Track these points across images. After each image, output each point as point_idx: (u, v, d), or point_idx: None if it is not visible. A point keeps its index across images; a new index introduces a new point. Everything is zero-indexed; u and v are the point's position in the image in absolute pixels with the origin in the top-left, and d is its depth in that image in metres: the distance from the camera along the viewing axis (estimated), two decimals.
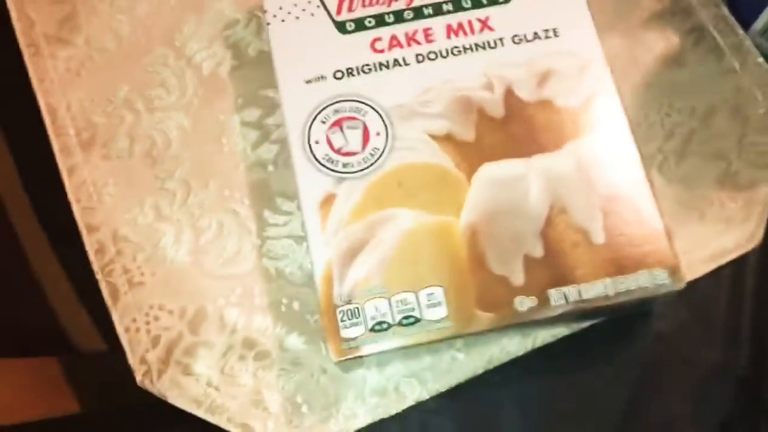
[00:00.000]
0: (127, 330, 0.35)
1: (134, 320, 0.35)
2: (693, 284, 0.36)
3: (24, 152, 0.49)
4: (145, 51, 0.40)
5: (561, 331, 0.35)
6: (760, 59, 0.40)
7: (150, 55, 0.40)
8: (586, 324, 0.35)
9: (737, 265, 0.37)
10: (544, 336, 0.35)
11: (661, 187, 0.37)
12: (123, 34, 0.40)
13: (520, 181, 0.33)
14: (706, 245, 0.37)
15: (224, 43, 0.40)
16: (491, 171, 0.33)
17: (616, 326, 0.35)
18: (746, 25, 0.41)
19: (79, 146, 0.38)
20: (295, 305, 0.36)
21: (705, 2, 0.41)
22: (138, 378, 0.34)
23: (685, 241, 0.36)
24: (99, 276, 0.36)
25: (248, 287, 0.36)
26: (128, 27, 0.41)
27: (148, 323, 0.35)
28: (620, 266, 0.32)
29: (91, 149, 0.38)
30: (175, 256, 0.36)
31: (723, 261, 0.36)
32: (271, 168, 0.38)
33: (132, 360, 0.35)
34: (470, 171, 0.33)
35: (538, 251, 0.32)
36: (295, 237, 0.37)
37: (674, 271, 0.32)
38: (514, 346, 0.35)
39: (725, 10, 0.41)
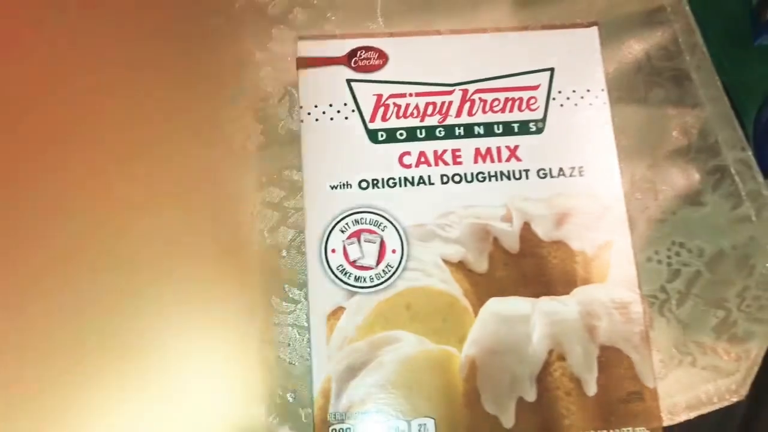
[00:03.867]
0: None
1: None
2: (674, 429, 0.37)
3: None
4: None
5: None
6: None
7: None
8: None
9: (720, 414, 0.38)
10: None
11: (658, 327, 0.38)
12: None
13: (524, 321, 0.34)
14: (692, 391, 0.38)
15: (255, 116, 0.41)
16: (498, 306, 0.34)
17: None
18: None
19: None
20: (290, 397, 0.37)
21: (732, 144, 0.41)
22: None
23: (673, 384, 0.38)
24: None
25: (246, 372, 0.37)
26: None
27: None
28: (607, 420, 0.33)
29: None
30: None
31: (705, 410, 0.37)
32: (284, 253, 0.39)
33: None
34: (478, 303, 0.34)
35: (531, 395, 0.33)
36: (299, 327, 0.38)
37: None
38: None
39: (750, 155, 0.41)
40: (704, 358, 0.38)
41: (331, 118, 0.36)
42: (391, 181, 0.35)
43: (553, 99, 0.37)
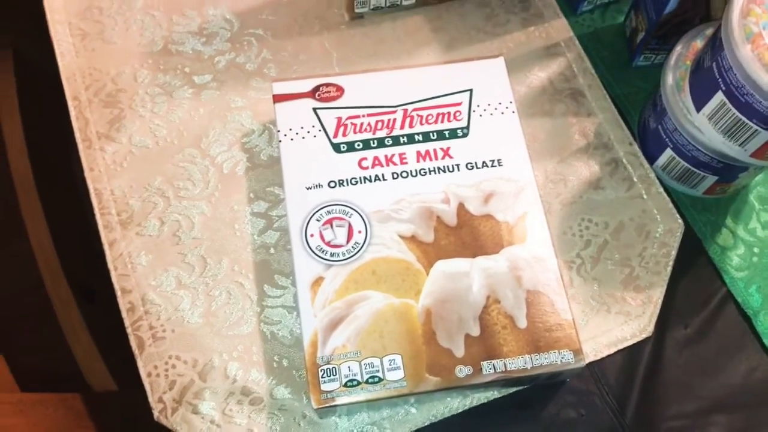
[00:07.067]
0: (149, 375, 0.44)
1: (155, 367, 0.44)
2: (599, 363, 0.46)
3: (59, 223, 0.58)
4: (177, 150, 0.50)
5: (493, 394, 0.44)
6: (661, 189, 0.51)
7: (181, 154, 0.50)
8: (512, 390, 0.45)
9: (633, 349, 0.47)
10: (479, 397, 0.44)
11: (578, 285, 0.48)
12: (160, 135, 0.51)
13: (465, 276, 0.43)
14: (610, 333, 0.47)
15: (241, 147, 0.51)
16: (444, 266, 0.43)
17: (535, 393, 0.45)
18: (652, 160, 0.52)
19: (119, 224, 0.48)
20: (285, 362, 0.45)
21: (621, 140, 0.52)
22: (155, 414, 0.43)
23: (594, 328, 0.47)
24: (129, 330, 0.45)
25: (248, 346, 0.45)
26: (164, 130, 0.51)
27: (166, 370, 0.44)
28: (537, 346, 0.41)
29: (128, 227, 0.48)
30: (191, 318, 0.45)
31: (621, 346, 0.46)
32: (272, 251, 0.48)
33: (151, 399, 0.43)
34: (428, 265, 0.43)
35: (475, 331, 0.42)
36: (288, 307, 0.46)
37: (577, 353, 0.41)
38: (455, 404, 0.44)
39: (636, 148, 0.52)
40: (616, 306, 0.47)
41: (303, 138, 0.46)
42: (353, 180, 0.45)
43: (474, 111, 0.47)
